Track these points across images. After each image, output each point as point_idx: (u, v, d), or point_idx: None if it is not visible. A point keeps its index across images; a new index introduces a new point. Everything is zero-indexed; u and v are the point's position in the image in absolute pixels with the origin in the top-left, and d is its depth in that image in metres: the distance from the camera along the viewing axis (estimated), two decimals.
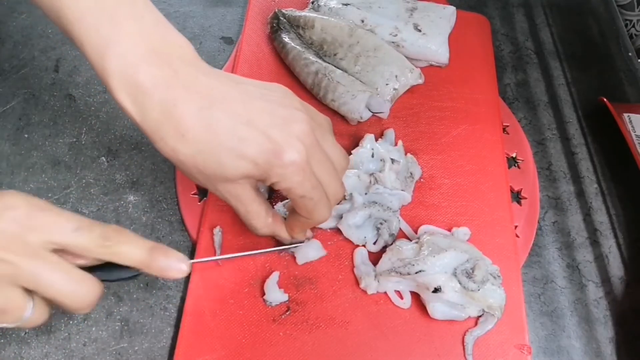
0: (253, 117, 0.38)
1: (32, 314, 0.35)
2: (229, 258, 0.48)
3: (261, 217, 0.43)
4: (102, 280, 0.38)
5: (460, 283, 0.46)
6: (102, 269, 0.38)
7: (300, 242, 0.48)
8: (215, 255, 0.49)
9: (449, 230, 0.53)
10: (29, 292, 0.35)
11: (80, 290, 0.36)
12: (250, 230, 0.45)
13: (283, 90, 0.42)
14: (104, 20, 0.36)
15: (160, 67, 0.37)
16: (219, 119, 0.37)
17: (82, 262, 0.37)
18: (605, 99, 0.64)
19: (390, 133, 0.57)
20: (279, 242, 0.49)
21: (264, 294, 0.47)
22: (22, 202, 0.35)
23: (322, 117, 0.44)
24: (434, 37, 0.62)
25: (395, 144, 0.56)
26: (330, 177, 0.42)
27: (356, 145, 0.54)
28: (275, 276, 0.48)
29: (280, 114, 0.39)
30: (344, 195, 0.51)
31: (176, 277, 0.39)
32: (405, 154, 0.55)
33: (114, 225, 0.37)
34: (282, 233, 0.46)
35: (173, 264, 0.39)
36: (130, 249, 0.37)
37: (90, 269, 0.37)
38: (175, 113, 0.37)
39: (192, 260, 0.40)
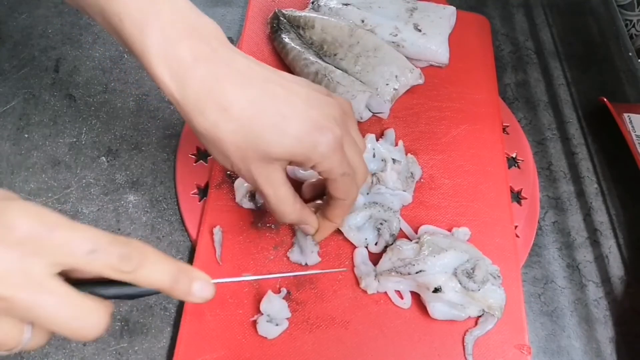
0: (293, 98, 0.39)
1: (29, 341, 0.31)
2: (252, 280, 0.46)
3: (290, 202, 0.43)
4: (115, 297, 0.33)
5: (460, 283, 0.46)
6: (116, 284, 0.33)
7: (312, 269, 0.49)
8: (215, 255, 0.49)
9: (449, 230, 0.53)
10: None
11: (86, 325, 0.31)
12: (278, 217, 0.44)
13: (315, 84, 0.43)
14: None
15: (199, 43, 0.37)
16: (262, 97, 0.38)
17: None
18: (605, 99, 0.64)
19: (390, 133, 0.57)
20: (283, 244, 0.49)
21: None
22: (25, 221, 0.30)
23: (343, 101, 0.44)
24: (434, 37, 0.62)
25: (396, 144, 0.56)
26: (359, 158, 0.43)
27: None
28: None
29: (316, 97, 0.40)
30: None
31: (199, 302, 0.35)
32: (406, 154, 0.55)
33: (137, 242, 0.32)
34: (310, 219, 0.46)
35: (198, 291, 0.34)
36: (152, 273, 0.32)
37: (102, 281, 0.33)
38: (218, 87, 0.37)
39: (215, 280, 0.36)
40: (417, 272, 0.46)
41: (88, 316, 0.31)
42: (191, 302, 0.35)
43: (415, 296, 0.49)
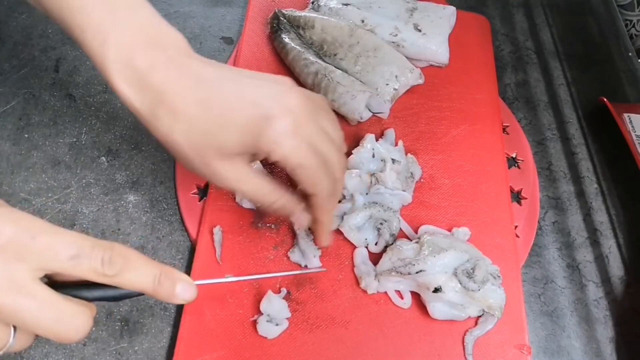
0: (244, 90, 0.39)
1: (14, 343, 0.32)
2: (236, 280, 0.46)
3: (267, 190, 0.42)
4: (98, 299, 0.34)
5: (460, 283, 0.46)
6: (100, 286, 0.34)
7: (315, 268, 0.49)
8: (215, 255, 0.49)
9: (449, 230, 0.53)
10: None
11: (69, 329, 0.32)
12: (262, 208, 0.44)
13: (282, 76, 0.42)
14: (105, 10, 0.38)
15: (156, 53, 0.38)
16: (211, 95, 0.38)
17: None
18: (605, 99, 0.64)
19: (390, 133, 0.57)
20: (283, 244, 0.49)
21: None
22: (9, 228, 0.30)
23: (318, 96, 0.44)
24: (434, 37, 0.62)
25: (396, 144, 0.56)
26: (328, 145, 0.41)
27: (356, 145, 0.54)
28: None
29: (273, 87, 0.40)
30: (344, 195, 0.51)
31: (182, 303, 0.37)
32: (406, 154, 0.55)
33: (119, 246, 0.33)
34: (297, 207, 0.44)
35: (180, 293, 0.36)
36: (135, 276, 0.33)
37: (86, 284, 0.34)
38: (170, 93, 0.38)
39: (197, 282, 0.38)
40: (417, 272, 0.46)
41: (71, 319, 0.32)
42: (174, 303, 0.36)
43: (415, 296, 0.49)
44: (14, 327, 0.32)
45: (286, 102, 0.39)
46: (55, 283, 0.33)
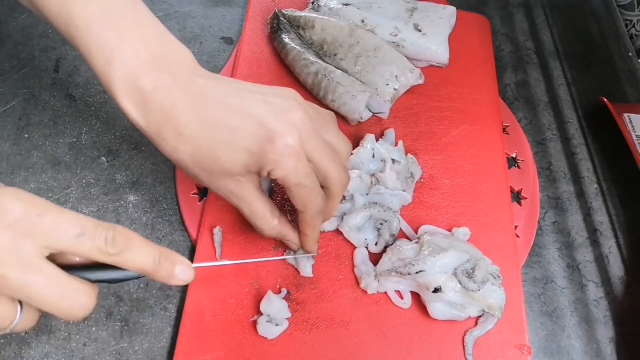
0: (247, 107, 0.39)
1: (20, 321, 0.33)
2: (232, 264, 0.47)
3: (266, 218, 0.43)
4: (100, 281, 0.35)
5: (460, 283, 0.46)
6: (101, 268, 0.35)
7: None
8: (215, 255, 0.49)
9: (449, 230, 0.53)
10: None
11: (74, 305, 0.33)
12: (257, 231, 0.45)
13: (288, 89, 0.42)
14: (111, 29, 0.38)
15: (160, 72, 0.38)
16: (213, 114, 0.38)
17: (79, 260, 0.36)
18: (605, 99, 0.64)
19: (390, 133, 0.57)
20: (283, 244, 0.49)
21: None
22: (17, 206, 0.31)
23: (326, 112, 0.45)
24: (434, 37, 0.62)
25: (396, 144, 0.56)
26: (331, 162, 0.42)
27: (356, 145, 0.54)
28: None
29: (276, 103, 0.40)
30: (344, 196, 0.51)
31: (180, 284, 0.38)
32: (406, 154, 0.55)
33: (121, 227, 0.34)
34: (290, 235, 0.46)
35: (179, 274, 0.37)
36: (137, 256, 0.35)
37: (88, 266, 0.35)
38: (174, 113, 0.38)
39: (195, 264, 0.39)
40: (417, 272, 0.46)
41: (76, 296, 0.33)
42: (172, 284, 0.38)
43: (415, 296, 0.49)
44: (21, 306, 0.33)
45: (289, 119, 0.39)
46: (58, 265, 0.34)
